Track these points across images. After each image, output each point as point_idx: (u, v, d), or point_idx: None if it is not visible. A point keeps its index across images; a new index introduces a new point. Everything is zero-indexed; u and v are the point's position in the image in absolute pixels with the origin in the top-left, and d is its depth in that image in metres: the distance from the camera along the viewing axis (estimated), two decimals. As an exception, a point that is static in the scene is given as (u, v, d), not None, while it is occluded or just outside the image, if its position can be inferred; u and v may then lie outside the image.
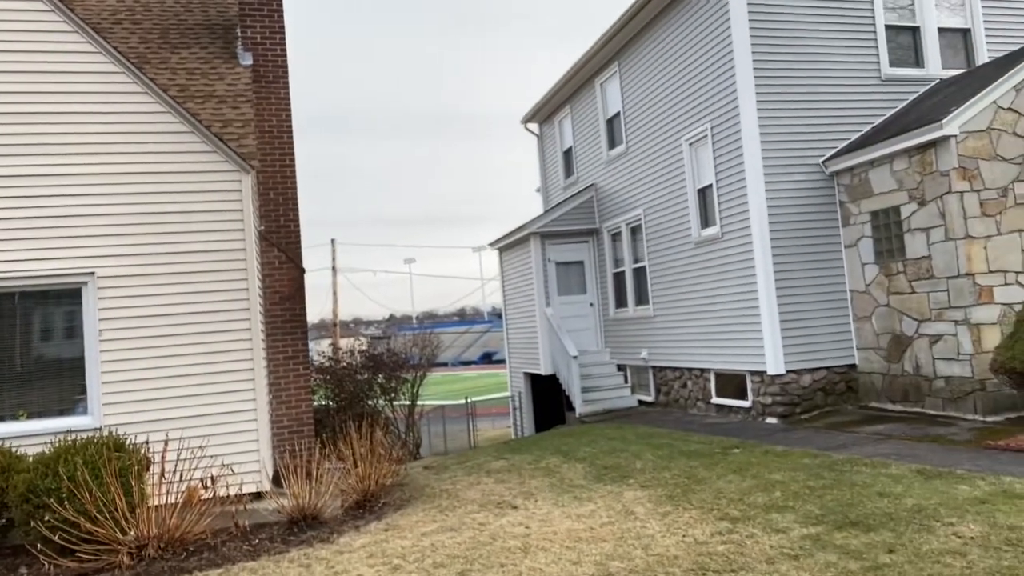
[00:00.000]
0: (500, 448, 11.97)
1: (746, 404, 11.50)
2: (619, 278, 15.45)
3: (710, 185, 12.08)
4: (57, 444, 6.61)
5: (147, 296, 8.06)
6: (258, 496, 7.78)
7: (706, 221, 12.33)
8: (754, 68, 10.94)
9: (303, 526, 7.07)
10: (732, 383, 11.93)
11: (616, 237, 15.55)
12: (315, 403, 12.91)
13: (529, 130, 20.11)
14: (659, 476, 7.83)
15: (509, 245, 17.74)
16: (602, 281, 16.05)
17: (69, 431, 6.99)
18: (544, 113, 19.11)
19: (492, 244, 18.91)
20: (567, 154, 18.23)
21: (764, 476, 7.25)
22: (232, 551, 6.53)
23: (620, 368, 15.30)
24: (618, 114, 15.19)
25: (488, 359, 68.65)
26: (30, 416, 7.70)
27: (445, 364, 64.76)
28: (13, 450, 6.94)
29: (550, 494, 7.61)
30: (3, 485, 6.45)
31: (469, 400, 21.21)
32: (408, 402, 16.04)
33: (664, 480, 7.63)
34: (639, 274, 14.64)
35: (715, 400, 12.29)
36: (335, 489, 7.80)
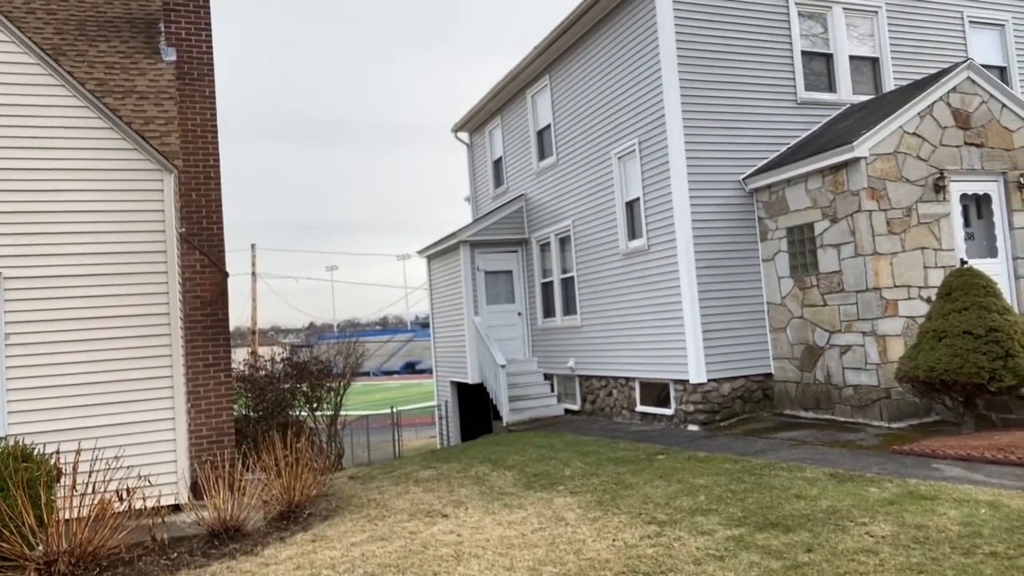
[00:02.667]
0: (428, 457, 11.89)
1: (669, 412, 11.81)
2: (547, 288, 15.63)
3: (638, 198, 12.40)
4: (-44, 455, 6.18)
5: (59, 299, 7.64)
6: (177, 508, 7.47)
7: (633, 233, 12.64)
8: (680, 86, 11.32)
9: (225, 539, 6.84)
10: (656, 391, 12.24)
11: (545, 247, 15.73)
12: (235, 412, 12.50)
13: (459, 139, 20.15)
14: (588, 483, 7.95)
15: (438, 253, 17.69)
16: (531, 291, 16.19)
17: (-29, 441, 6.55)
18: (475, 123, 19.18)
19: (420, 252, 18.80)
20: (497, 164, 18.35)
21: (688, 481, 7.46)
22: (149, 566, 6.26)
23: (547, 377, 15.45)
24: (549, 126, 15.41)
25: (411, 369, 68.09)
26: (-77, 426, 7.16)
27: (367, 374, 63.82)
28: (-96, 462, 6.43)
29: (480, 502, 7.61)
30: None
31: (395, 409, 20.96)
32: (330, 412, 15.73)
33: (593, 486, 7.75)
34: (567, 284, 14.85)
35: (639, 408, 12.57)
36: (258, 500, 7.58)
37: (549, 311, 15.54)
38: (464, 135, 20.04)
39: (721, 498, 6.68)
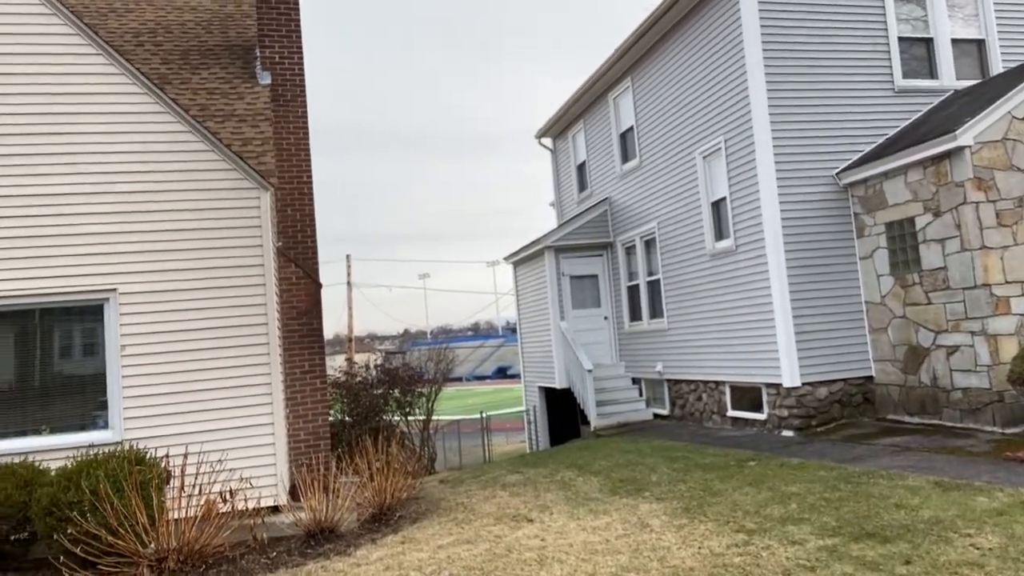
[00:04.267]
0: (515, 462, 11.99)
1: (761, 417, 11.45)
2: (633, 291, 15.46)
3: (724, 198, 12.11)
4: (79, 458, 6.72)
5: (167, 312, 8.19)
6: (276, 510, 7.85)
7: (720, 233, 12.35)
8: (767, 80, 10.99)
9: (320, 539, 7.13)
10: (747, 396, 11.89)
11: (630, 250, 15.59)
12: (331, 417, 12.99)
13: (543, 145, 20.25)
14: (674, 489, 7.82)
15: (524, 259, 17.82)
16: (616, 294, 16.07)
17: (91, 445, 7.12)
18: (558, 128, 19.23)
19: (507, 258, 18.99)
20: (581, 168, 18.33)
21: (780, 488, 7.22)
22: (251, 564, 6.61)
23: (635, 381, 15.28)
24: (631, 128, 15.27)
25: (503, 373, 68.63)
26: (53, 431, 7.82)
27: (459, 379, 64.77)
28: (36, 464, 7.06)
29: (565, 507, 7.62)
30: (26, 499, 6.55)
31: (484, 414, 21.23)
32: (423, 416, 16.10)
33: (680, 493, 7.62)
34: (653, 287, 14.65)
35: (730, 413, 12.24)
36: (351, 503, 7.86)
37: (636, 314, 15.37)
38: (548, 141, 20.12)
39: (814, 507, 6.43)
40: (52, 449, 7.50)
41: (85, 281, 8.07)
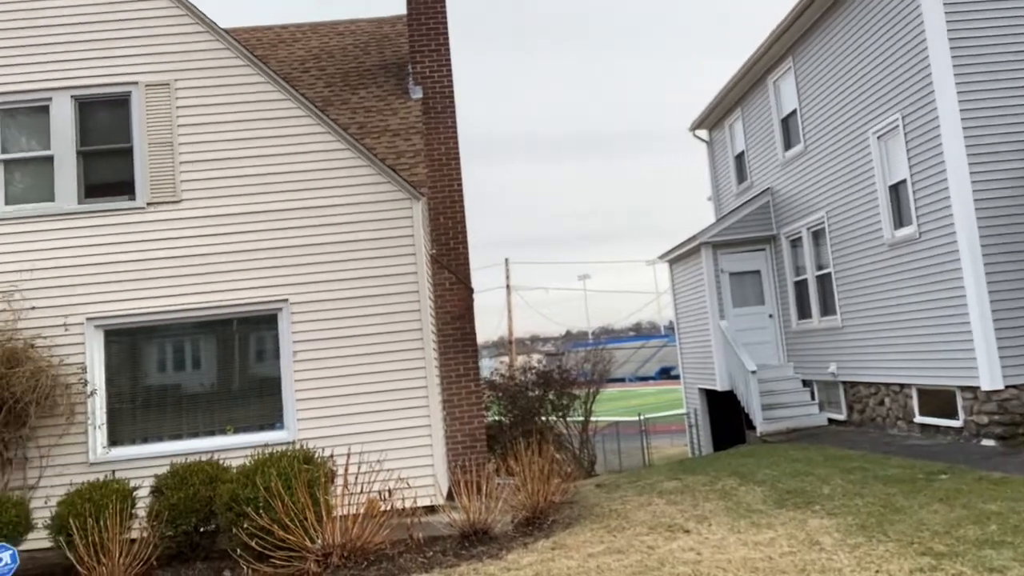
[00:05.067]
0: (674, 467, 11.55)
1: (956, 424, 10.21)
2: (801, 287, 14.42)
3: (903, 180, 10.95)
4: (256, 456, 7.27)
5: (331, 319, 8.70)
6: (432, 510, 8.06)
7: (900, 220, 11.18)
8: (951, 44, 9.79)
9: (474, 541, 7.21)
10: (938, 400, 10.65)
11: (796, 243, 14.56)
12: (488, 419, 13.23)
13: (698, 137, 19.48)
14: (849, 503, 7.13)
15: (679, 257, 17.22)
16: (782, 291, 15.07)
17: (267, 445, 7.67)
18: (713, 118, 18.41)
19: (661, 257, 18.46)
20: (739, 159, 17.41)
21: (977, 506, 6.36)
22: (408, 563, 6.80)
23: (806, 383, 14.23)
24: (794, 112, 14.27)
25: (666, 374, 66.96)
26: (236, 431, 8.56)
27: (622, 379, 63.99)
28: (221, 462, 7.73)
29: (725, 518, 7.19)
30: (211, 494, 7.18)
31: (642, 417, 20.76)
32: (581, 418, 16.00)
33: (855, 508, 6.93)
34: (823, 281, 13.57)
35: (918, 419, 11.03)
36: (505, 505, 7.89)
37: (804, 311, 14.32)
38: (703, 132, 19.33)
39: (1019, 528, 5.58)
40: (234, 448, 8.19)
41: (262, 293, 8.75)
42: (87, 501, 6.97)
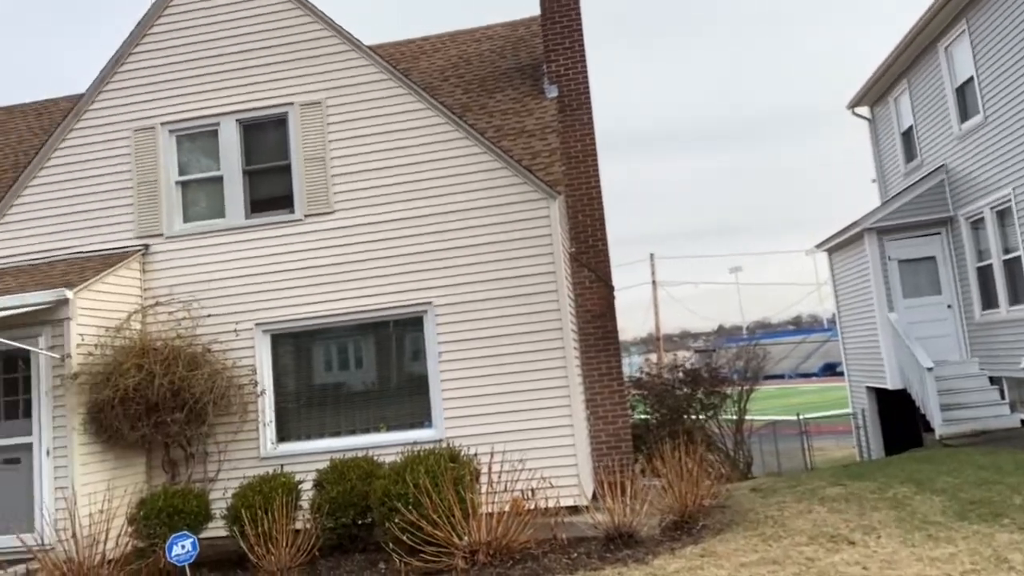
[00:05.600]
0: (839, 472, 10.75)
1: None
2: (985, 273, 12.96)
3: (1106, 149, 9.55)
4: (406, 454, 7.55)
5: (473, 321, 8.88)
6: (575, 510, 8.01)
7: (1104, 194, 9.76)
8: None
9: (619, 543, 7.08)
10: None
11: (977, 225, 13.11)
12: (634, 419, 12.98)
13: (858, 115, 18.03)
14: (1047, 517, 6.30)
15: (840, 245, 16.04)
16: (962, 278, 13.62)
17: (416, 442, 7.96)
18: (875, 93, 16.99)
19: (819, 246, 17.29)
20: (906, 135, 15.95)
21: None
22: (552, 563, 6.79)
23: (993, 381, 12.78)
24: (970, 79, 12.86)
25: (830, 370, 62.78)
26: (388, 428, 8.95)
27: (781, 376, 60.75)
28: (375, 458, 8.11)
29: (896, 530, 6.58)
30: (367, 489, 7.54)
31: (801, 417, 19.55)
32: (735, 417, 15.31)
33: (1054, 523, 6.11)
34: (1012, 266, 12.12)
35: None
36: (652, 508, 7.69)
37: (990, 301, 12.86)
38: (863, 110, 17.88)
39: None
40: (387, 445, 8.56)
41: (408, 296, 9.10)
42: (257, 494, 7.55)
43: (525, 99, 11.73)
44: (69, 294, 8.08)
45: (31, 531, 7.57)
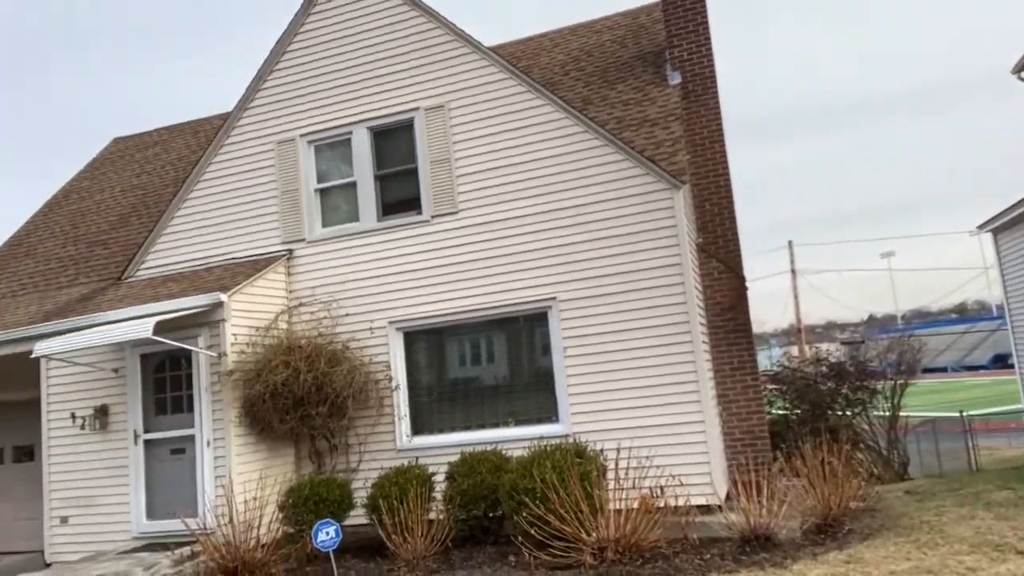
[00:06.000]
0: (1008, 474, 9.78)
1: None
2: None
3: None
4: (533, 448, 7.61)
5: (596, 315, 8.81)
6: (706, 509, 7.74)
7: None
8: None
9: (755, 546, 6.79)
10: None
11: None
12: (772, 415, 12.39)
13: (1024, 80, 16.22)
14: None
15: (1008, 224, 14.54)
16: None
17: (542, 437, 8.00)
18: (1044, 54, 15.21)
19: (982, 226, 15.75)
20: (1085, 99, 14.18)
21: None
22: (684, 563, 6.62)
23: None
24: None
25: (1002, 363, 57.08)
26: (517, 423, 9.06)
27: (943, 369, 56.00)
28: (503, 452, 8.23)
29: (1076, 541, 5.88)
30: (496, 482, 7.67)
31: (965, 414, 17.87)
32: (887, 414, 14.21)
33: None
34: None
35: None
36: (791, 509, 7.31)
37: None
38: (1031, 73, 16.05)
39: None
40: (515, 439, 8.66)
41: (533, 292, 9.15)
42: (393, 484, 7.88)
43: (647, 88, 11.48)
44: (224, 297, 8.77)
45: (195, 516, 8.29)
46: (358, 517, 8.32)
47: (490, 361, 9.68)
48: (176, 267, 10.48)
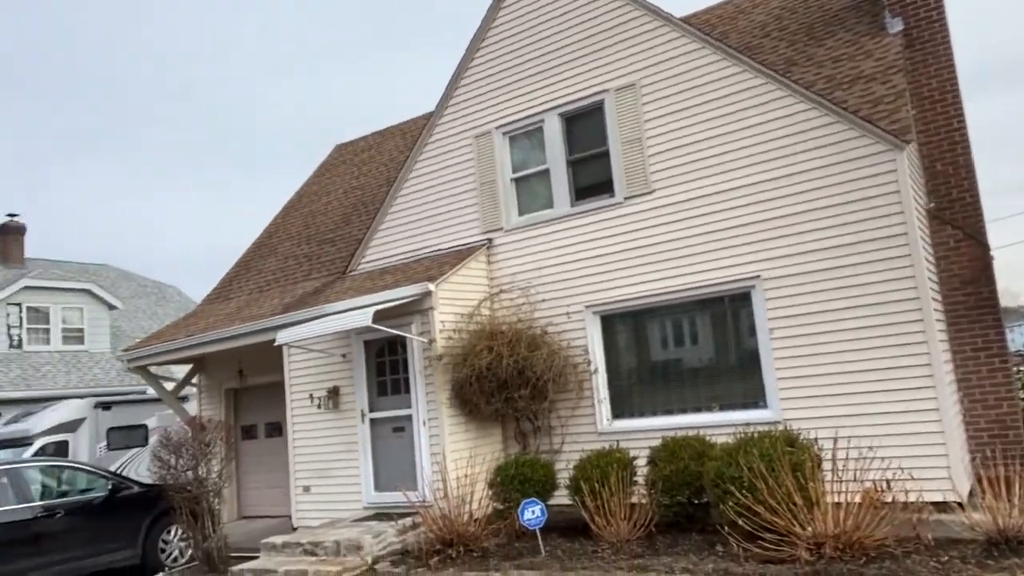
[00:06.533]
0: None
1: None
2: None
3: None
4: (738, 435, 7.27)
5: (807, 294, 8.17)
6: (943, 507, 6.89)
7: None
8: None
9: (1004, 550, 5.97)
10: None
11: None
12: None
13: None
14: None
15: None
16: None
17: (747, 424, 7.62)
18: None
19: None
20: None
21: None
22: (916, 565, 5.98)
23: None
24: None
25: None
26: (721, 408, 8.70)
27: None
28: (707, 438, 7.95)
29: None
30: (699, 469, 7.43)
31: None
32: None
33: None
34: None
35: None
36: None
37: None
38: None
39: None
40: (718, 425, 8.34)
41: (733, 271, 8.71)
42: (595, 467, 7.93)
43: (861, 40, 10.38)
44: (431, 287, 9.32)
45: (414, 490, 8.94)
46: (561, 497, 8.48)
47: (691, 344, 9.37)
48: (390, 260, 11.31)
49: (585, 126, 10.08)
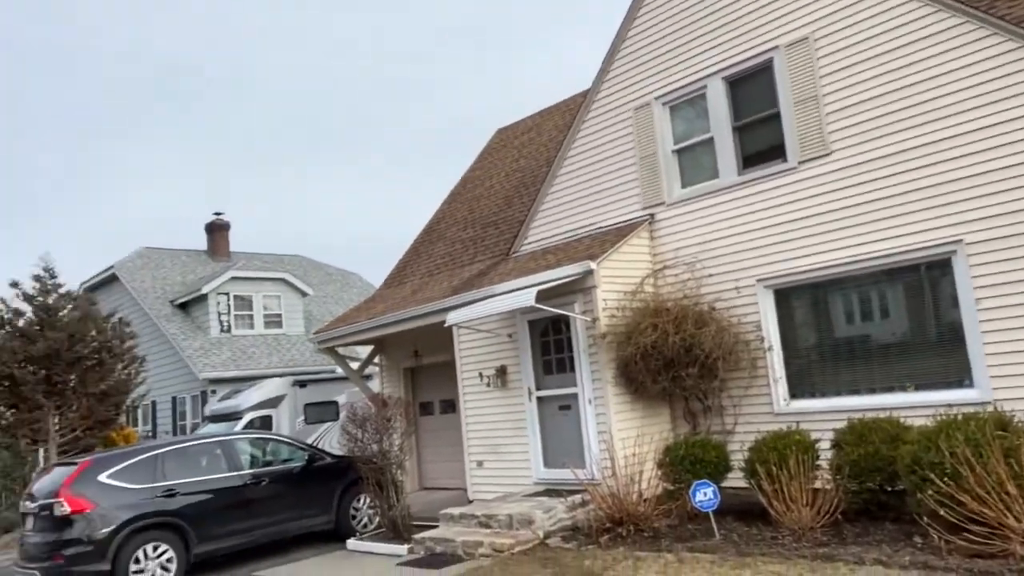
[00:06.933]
0: None
1: None
2: None
3: None
4: (937, 417, 6.56)
5: (1021, 259, 7.18)
6: None
7: None
8: None
9: None
10: None
11: None
12: None
13: None
14: None
15: None
16: None
17: (948, 405, 6.85)
18: None
19: None
20: None
21: None
22: None
23: None
24: None
25: None
26: (916, 388, 7.90)
27: None
28: (900, 420, 7.25)
29: None
30: (892, 454, 6.79)
31: None
32: None
33: None
34: None
35: None
36: None
37: None
38: None
39: None
40: (912, 406, 7.57)
41: (928, 236, 7.86)
42: (772, 450, 7.50)
43: (1086, -39, 8.89)
44: (593, 265, 9.23)
45: (581, 467, 8.94)
46: (735, 480, 8.12)
47: (879, 317, 8.58)
48: (552, 240, 11.34)
49: (751, 89, 9.48)
